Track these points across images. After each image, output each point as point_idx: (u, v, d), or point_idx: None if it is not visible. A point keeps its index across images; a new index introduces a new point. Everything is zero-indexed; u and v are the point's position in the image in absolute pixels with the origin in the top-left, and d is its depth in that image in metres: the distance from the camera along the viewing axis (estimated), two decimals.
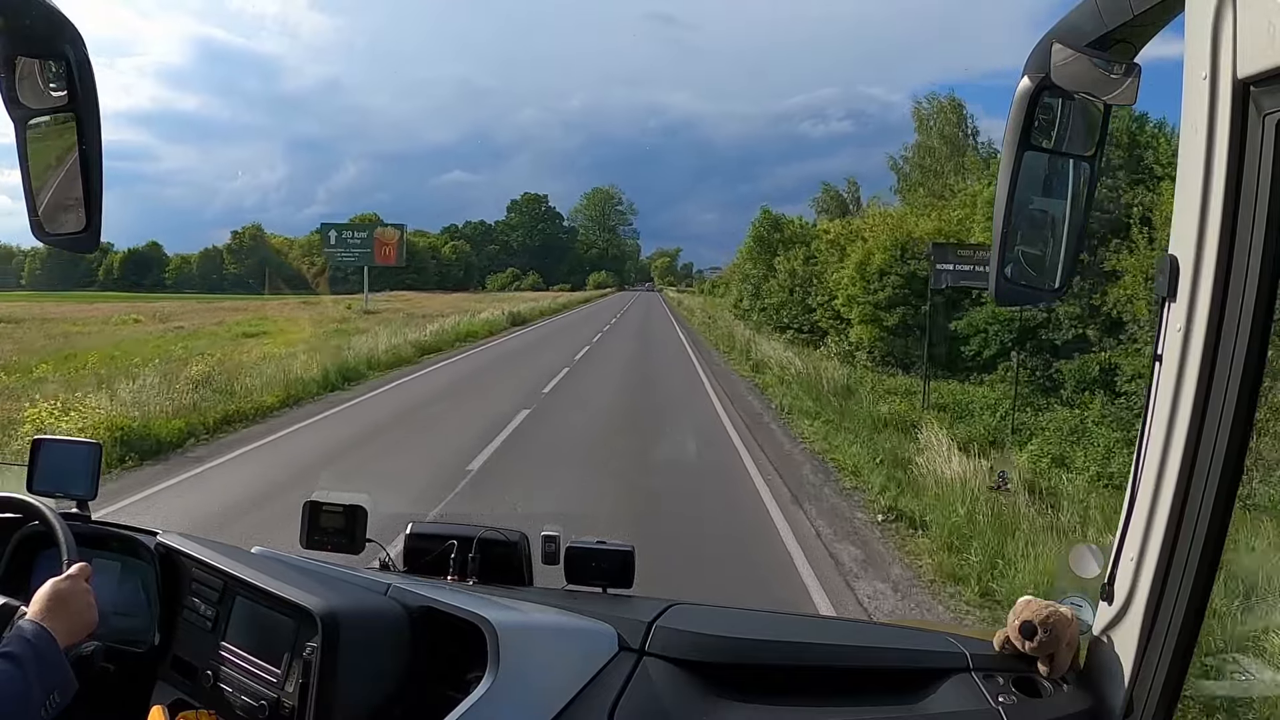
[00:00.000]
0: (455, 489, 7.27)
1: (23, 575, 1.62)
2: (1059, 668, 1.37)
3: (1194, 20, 1.03)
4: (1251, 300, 1.02)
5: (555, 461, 8.77)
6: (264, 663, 1.45)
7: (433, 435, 10.10)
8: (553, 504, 6.81)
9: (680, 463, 8.78)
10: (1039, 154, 1.25)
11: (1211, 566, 1.14)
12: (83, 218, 1.23)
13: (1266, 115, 0.98)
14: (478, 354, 20.59)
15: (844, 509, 7.34)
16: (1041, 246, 1.29)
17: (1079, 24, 1.16)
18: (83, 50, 1.16)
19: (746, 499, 7.53)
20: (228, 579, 1.55)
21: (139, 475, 7.85)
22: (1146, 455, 1.17)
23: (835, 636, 1.81)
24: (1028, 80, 1.21)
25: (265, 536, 2.62)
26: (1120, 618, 1.26)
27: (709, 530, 6.49)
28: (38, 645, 1.17)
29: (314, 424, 10.79)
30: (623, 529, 5.72)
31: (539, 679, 1.32)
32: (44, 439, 1.87)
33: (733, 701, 1.39)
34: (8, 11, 1.12)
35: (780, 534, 6.47)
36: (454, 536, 1.87)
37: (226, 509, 6.63)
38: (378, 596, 1.51)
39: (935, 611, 5.17)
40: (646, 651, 1.44)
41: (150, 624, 1.62)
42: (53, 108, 1.19)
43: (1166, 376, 1.13)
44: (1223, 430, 1.07)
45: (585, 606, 1.60)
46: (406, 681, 1.41)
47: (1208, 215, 1.04)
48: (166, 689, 1.59)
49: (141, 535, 1.71)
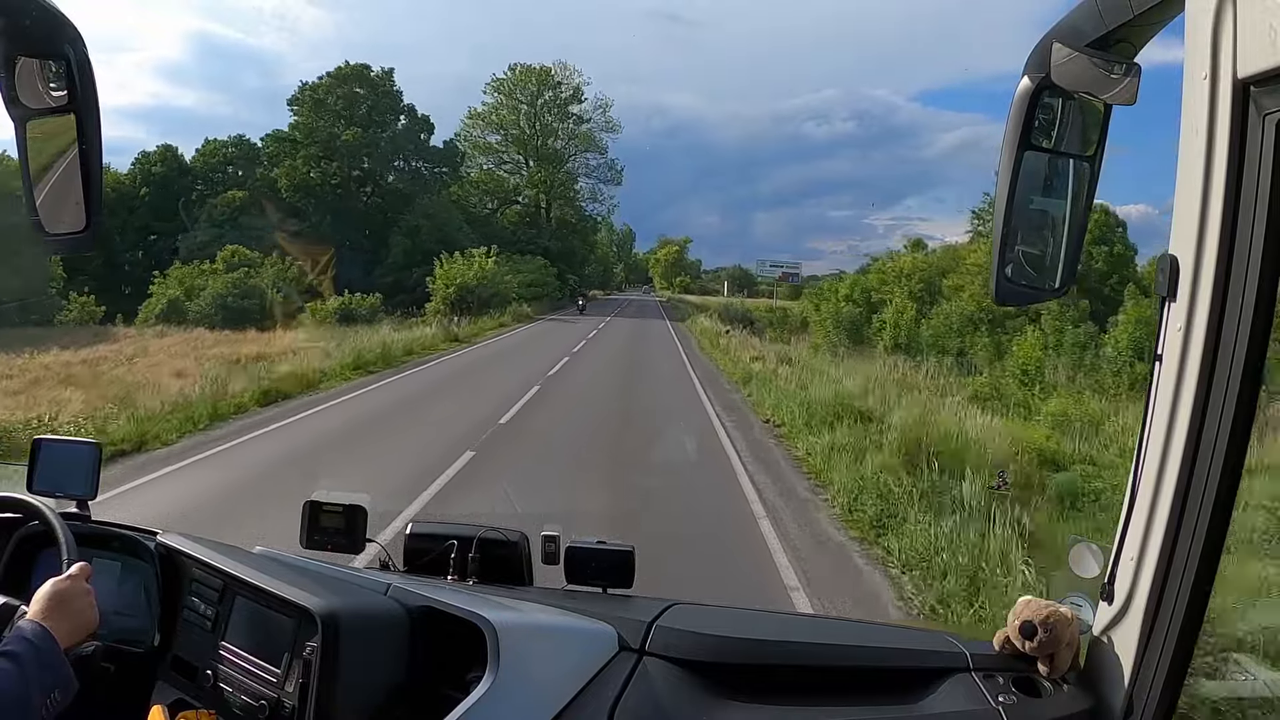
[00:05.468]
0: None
1: (23, 575, 1.62)
2: (1059, 668, 1.37)
3: (1194, 20, 1.03)
4: (1251, 300, 1.02)
5: None
6: (264, 662, 1.45)
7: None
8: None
9: None
10: (1039, 154, 1.25)
11: (1211, 566, 1.14)
12: (83, 217, 1.23)
13: (1266, 115, 0.98)
14: None
15: None
16: (1041, 246, 1.29)
17: (1079, 24, 1.16)
18: (83, 50, 1.16)
19: None
20: (228, 579, 1.55)
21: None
22: (1146, 455, 1.17)
23: (835, 636, 1.81)
24: (1028, 80, 1.21)
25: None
26: (1120, 618, 1.26)
27: None
28: (38, 645, 1.16)
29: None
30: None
31: (539, 679, 1.32)
32: (44, 439, 1.87)
33: (733, 701, 1.39)
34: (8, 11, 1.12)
35: None
36: (454, 536, 1.87)
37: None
38: (378, 596, 1.51)
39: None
40: (646, 651, 1.44)
41: (150, 624, 1.62)
42: (53, 108, 1.19)
43: (1166, 376, 1.13)
44: (1223, 430, 1.07)
45: (585, 606, 1.60)
46: (406, 681, 1.40)
47: (1208, 215, 1.05)
48: (166, 689, 1.59)
49: (141, 535, 1.71)
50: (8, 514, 1.68)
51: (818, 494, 7.98)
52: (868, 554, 6.34)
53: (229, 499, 7.09)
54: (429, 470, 7.83)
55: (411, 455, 8.71)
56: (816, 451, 9.41)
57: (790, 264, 50.17)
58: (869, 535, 6.71)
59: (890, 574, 5.91)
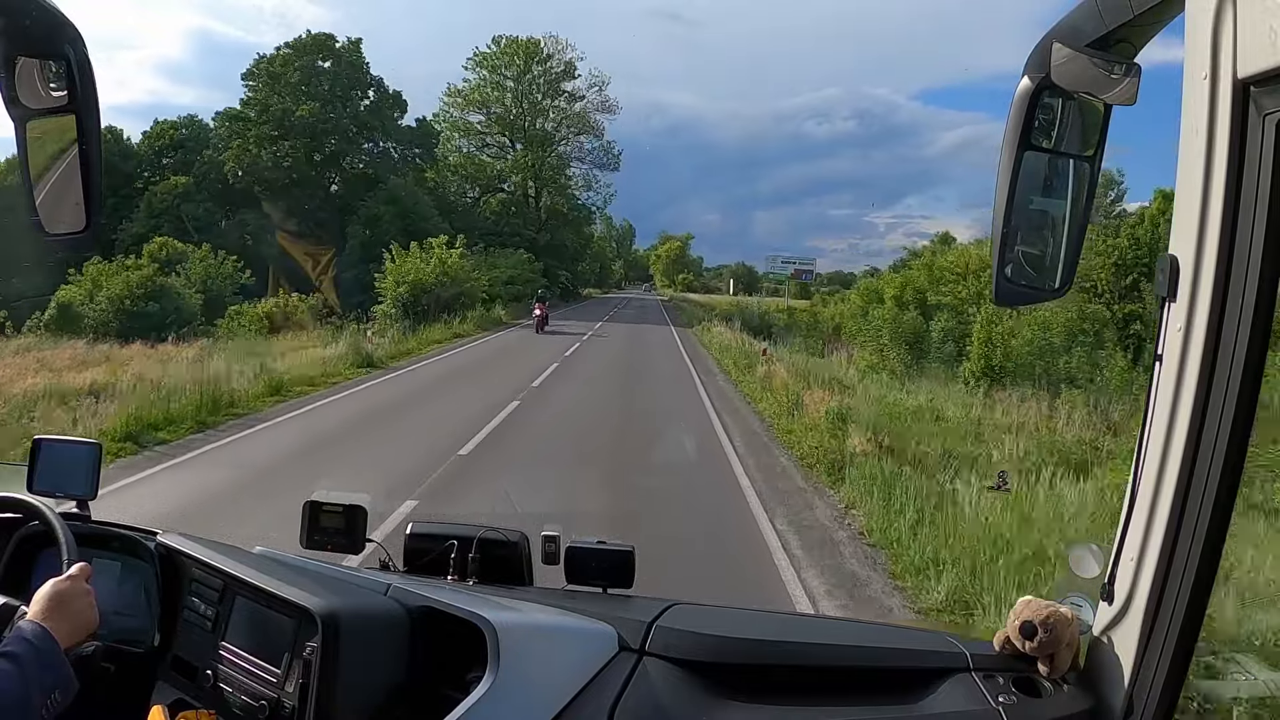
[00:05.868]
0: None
1: (23, 575, 1.62)
2: (1059, 668, 1.37)
3: (1194, 20, 1.03)
4: (1251, 300, 1.02)
5: None
6: (264, 662, 1.45)
7: None
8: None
9: None
10: (1039, 154, 1.25)
11: (1211, 566, 1.14)
12: (83, 217, 1.23)
13: (1266, 115, 0.98)
14: None
15: None
16: (1041, 246, 1.29)
17: (1079, 24, 1.16)
18: (83, 50, 1.16)
19: None
20: (228, 579, 1.55)
21: None
22: (1146, 455, 1.17)
23: (835, 636, 1.81)
24: (1028, 80, 1.21)
25: None
26: (1120, 618, 1.26)
27: None
28: (38, 646, 1.16)
29: None
30: None
31: (539, 679, 1.32)
32: (44, 439, 1.87)
33: (733, 701, 1.39)
34: (8, 11, 1.12)
35: None
36: (454, 536, 1.87)
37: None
38: (378, 596, 1.51)
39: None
40: (646, 652, 1.44)
41: (150, 624, 1.62)
42: (53, 108, 1.19)
43: (1166, 376, 1.13)
44: (1223, 430, 1.07)
45: (585, 606, 1.60)
46: (406, 681, 1.40)
47: (1208, 215, 1.04)
48: (166, 689, 1.59)
49: (141, 535, 1.71)
50: (8, 514, 1.68)
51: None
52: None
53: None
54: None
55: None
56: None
57: (804, 260, 46.54)
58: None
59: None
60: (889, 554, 6.23)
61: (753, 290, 49.05)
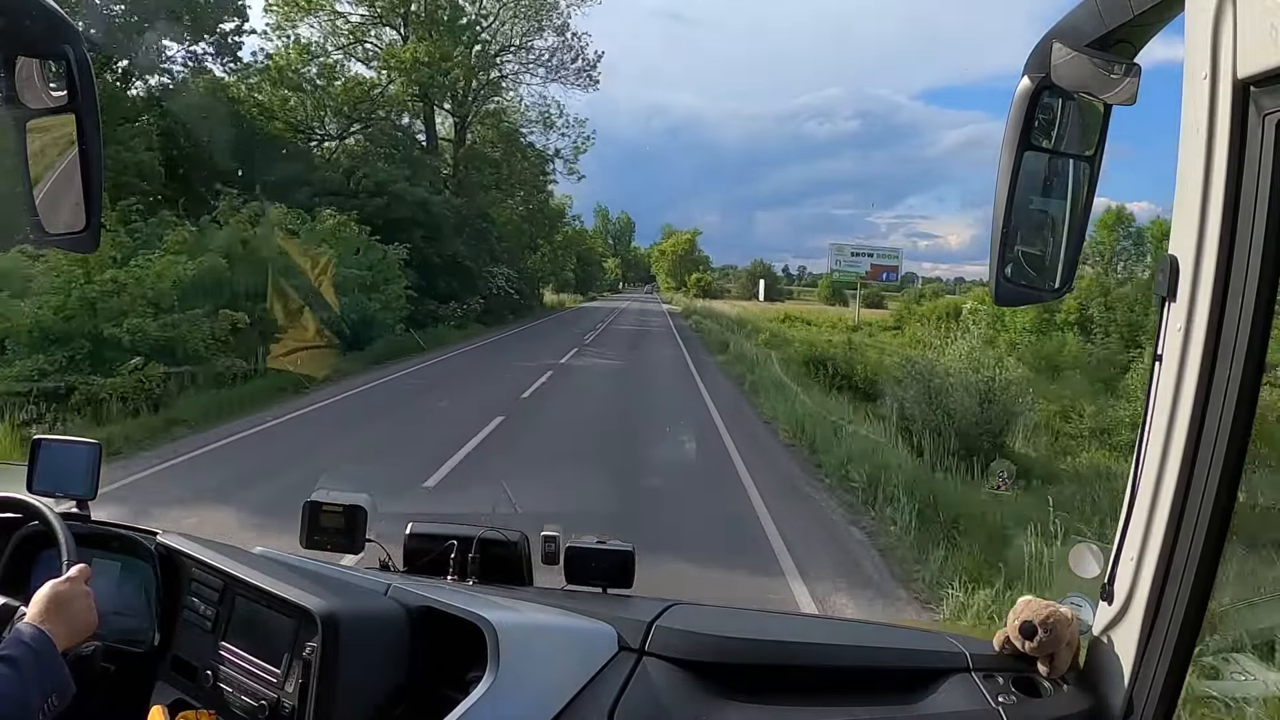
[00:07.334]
0: None
1: (23, 575, 1.62)
2: (1059, 668, 1.37)
3: (1194, 20, 1.03)
4: (1251, 300, 1.02)
5: None
6: (264, 663, 1.45)
7: None
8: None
9: None
10: (1039, 154, 1.24)
11: (1211, 566, 1.14)
12: (83, 217, 1.23)
13: (1266, 115, 0.98)
14: None
15: None
16: (1041, 246, 1.29)
17: (1079, 24, 1.16)
18: (82, 50, 1.16)
19: None
20: (227, 579, 1.55)
21: None
22: (1146, 455, 1.17)
23: (835, 636, 1.81)
24: (1028, 80, 1.21)
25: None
26: (1120, 618, 1.26)
27: None
28: (36, 648, 1.16)
29: None
30: None
31: (539, 679, 1.32)
32: (44, 439, 1.87)
33: (733, 701, 1.39)
34: (8, 11, 1.12)
35: None
36: (454, 536, 1.87)
37: None
38: (377, 596, 1.51)
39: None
40: (646, 651, 1.44)
41: (150, 624, 1.62)
42: (53, 108, 1.19)
43: (1166, 376, 1.13)
44: (1223, 430, 1.07)
45: (585, 606, 1.60)
46: (406, 682, 1.40)
47: (1208, 215, 1.04)
48: (166, 689, 1.59)
49: (141, 535, 1.71)
50: (8, 514, 1.68)
51: None
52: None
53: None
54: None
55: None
56: None
57: (886, 251, 31.86)
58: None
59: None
60: None
61: (773, 295, 42.73)
